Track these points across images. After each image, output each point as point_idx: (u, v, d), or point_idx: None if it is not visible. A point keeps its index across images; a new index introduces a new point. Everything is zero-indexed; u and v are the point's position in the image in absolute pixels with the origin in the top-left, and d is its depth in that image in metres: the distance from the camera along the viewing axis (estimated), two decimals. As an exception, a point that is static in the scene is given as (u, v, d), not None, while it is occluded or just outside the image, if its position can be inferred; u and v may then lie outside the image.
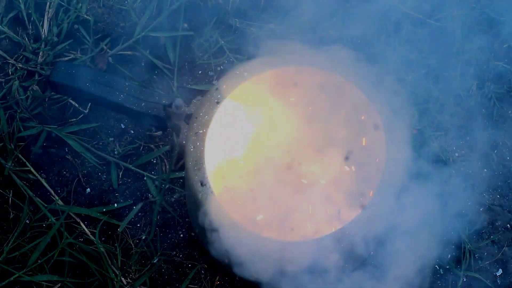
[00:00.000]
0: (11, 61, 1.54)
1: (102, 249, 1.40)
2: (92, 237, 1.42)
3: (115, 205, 1.47)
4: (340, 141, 1.27)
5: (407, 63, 1.53)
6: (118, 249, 1.41)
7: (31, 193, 1.45)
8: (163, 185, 1.45)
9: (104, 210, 1.46)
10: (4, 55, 1.55)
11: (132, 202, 1.47)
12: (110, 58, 1.57)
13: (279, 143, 1.27)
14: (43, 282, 1.38)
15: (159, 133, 1.53)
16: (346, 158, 1.25)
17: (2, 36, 1.56)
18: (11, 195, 1.45)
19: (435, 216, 1.30)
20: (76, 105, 1.53)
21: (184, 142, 1.28)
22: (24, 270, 1.37)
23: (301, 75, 1.31)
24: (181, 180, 1.49)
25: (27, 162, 1.48)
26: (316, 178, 1.25)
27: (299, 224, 1.21)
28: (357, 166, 1.25)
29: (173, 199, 1.48)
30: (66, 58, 1.55)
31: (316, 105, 1.29)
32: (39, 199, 1.45)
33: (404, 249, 1.28)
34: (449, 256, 1.43)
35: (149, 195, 1.48)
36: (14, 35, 1.56)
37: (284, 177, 1.25)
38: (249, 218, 1.21)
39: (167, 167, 1.50)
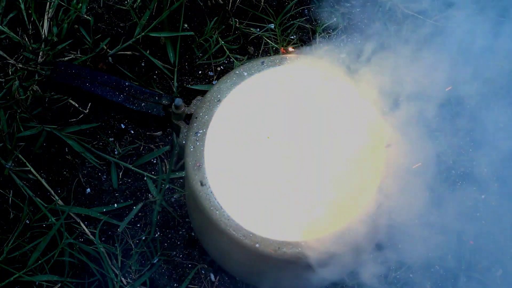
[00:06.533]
0: (11, 61, 1.54)
1: (102, 249, 1.40)
2: (92, 237, 1.42)
3: (115, 205, 1.47)
4: (341, 139, 1.27)
5: (407, 63, 1.53)
6: (118, 249, 1.41)
7: (31, 193, 1.45)
8: (163, 185, 1.45)
9: (104, 210, 1.46)
10: (4, 55, 1.55)
11: (132, 202, 1.47)
12: (110, 58, 1.57)
13: (279, 143, 1.27)
14: (43, 282, 1.38)
15: (159, 133, 1.53)
16: (347, 157, 1.26)
17: (2, 36, 1.56)
18: (11, 195, 1.45)
19: (435, 216, 1.30)
20: (76, 105, 1.53)
21: (184, 142, 1.28)
22: (24, 270, 1.37)
23: (301, 74, 1.31)
24: (181, 180, 1.49)
25: (27, 162, 1.48)
26: (317, 177, 1.25)
27: (299, 223, 1.21)
28: (358, 165, 1.25)
29: (173, 199, 1.48)
30: (66, 58, 1.55)
31: (317, 104, 1.29)
32: (39, 199, 1.45)
33: (404, 249, 1.28)
34: (449, 256, 1.43)
35: (149, 195, 1.48)
36: (14, 35, 1.56)
37: (284, 177, 1.25)
38: (249, 218, 1.21)
39: (167, 167, 1.50)
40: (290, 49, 1.54)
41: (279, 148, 1.27)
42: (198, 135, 1.26)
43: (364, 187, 1.23)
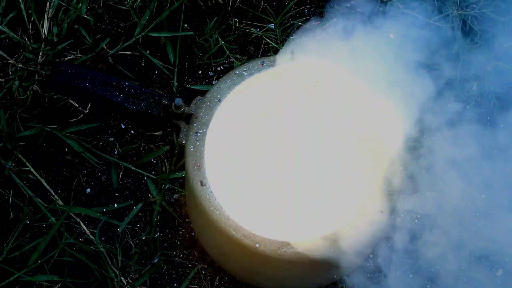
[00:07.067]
0: (11, 61, 1.54)
1: (102, 249, 1.40)
2: (92, 237, 1.42)
3: (115, 205, 1.47)
4: (342, 139, 1.27)
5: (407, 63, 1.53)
6: (118, 249, 1.41)
7: (31, 193, 1.45)
8: (163, 185, 1.45)
9: (104, 210, 1.46)
10: (4, 55, 1.55)
11: (132, 202, 1.47)
12: (110, 58, 1.57)
13: (279, 143, 1.27)
14: (43, 282, 1.38)
15: (159, 133, 1.53)
16: (348, 157, 1.26)
17: (2, 36, 1.56)
18: (11, 195, 1.45)
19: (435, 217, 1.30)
20: (76, 105, 1.53)
21: (184, 142, 1.28)
22: (24, 270, 1.37)
23: (300, 74, 1.31)
24: (181, 180, 1.49)
25: (27, 162, 1.48)
26: (316, 177, 1.25)
27: (298, 223, 1.21)
28: (359, 165, 1.25)
29: (173, 199, 1.48)
30: (66, 58, 1.55)
31: (316, 104, 1.30)
32: (39, 199, 1.45)
33: (402, 250, 1.28)
34: (449, 256, 1.43)
35: (149, 195, 1.48)
36: (14, 35, 1.56)
37: (284, 177, 1.25)
38: (249, 218, 1.21)
39: (167, 167, 1.50)
40: None
41: (279, 148, 1.27)
42: (198, 135, 1.26)
43: (365, 187, 1.23)
